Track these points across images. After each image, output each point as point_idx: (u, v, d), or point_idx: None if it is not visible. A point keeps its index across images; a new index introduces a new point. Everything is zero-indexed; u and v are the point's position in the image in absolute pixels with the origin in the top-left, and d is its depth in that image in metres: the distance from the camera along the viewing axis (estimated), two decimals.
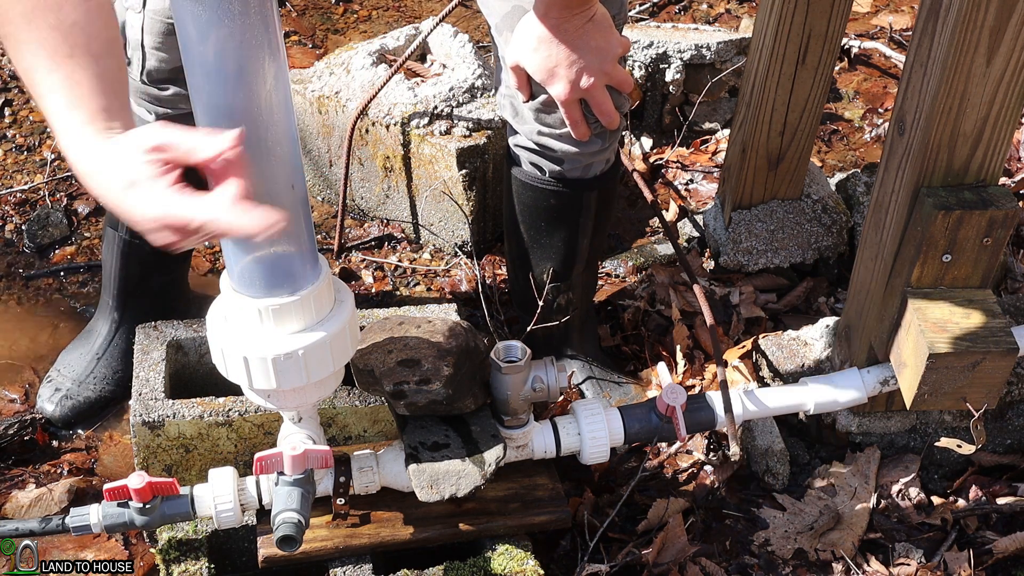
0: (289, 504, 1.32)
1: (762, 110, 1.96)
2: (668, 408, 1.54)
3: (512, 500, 1.54)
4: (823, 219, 2.11)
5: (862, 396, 1.60)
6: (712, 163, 2.47)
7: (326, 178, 2.33)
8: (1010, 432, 1.76)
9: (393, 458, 1.48)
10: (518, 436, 1.51)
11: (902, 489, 1.71)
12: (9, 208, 2.29)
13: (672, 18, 3.06)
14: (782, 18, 1.84)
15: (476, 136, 2.12)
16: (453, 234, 2.22)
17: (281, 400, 1.31)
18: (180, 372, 1.73)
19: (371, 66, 2.23)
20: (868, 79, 2.85)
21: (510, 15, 1.53)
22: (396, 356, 1.43)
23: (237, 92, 1.08)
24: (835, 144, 2.64)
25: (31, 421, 1.82)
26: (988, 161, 1.41)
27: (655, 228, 2.33)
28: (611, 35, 1.47)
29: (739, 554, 1.64)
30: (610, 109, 1.54)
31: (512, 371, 1.44)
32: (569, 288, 1.81)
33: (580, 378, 1.90)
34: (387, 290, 2.17)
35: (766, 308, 2.07)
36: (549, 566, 1.62)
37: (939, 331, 1.44)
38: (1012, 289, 2.08)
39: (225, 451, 1.62)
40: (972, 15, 1.27)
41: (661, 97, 2.53)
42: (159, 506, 1.41)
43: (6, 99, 2.57)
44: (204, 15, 1.02)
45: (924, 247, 1.43)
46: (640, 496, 1.74)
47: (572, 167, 1.65)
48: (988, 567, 1.63)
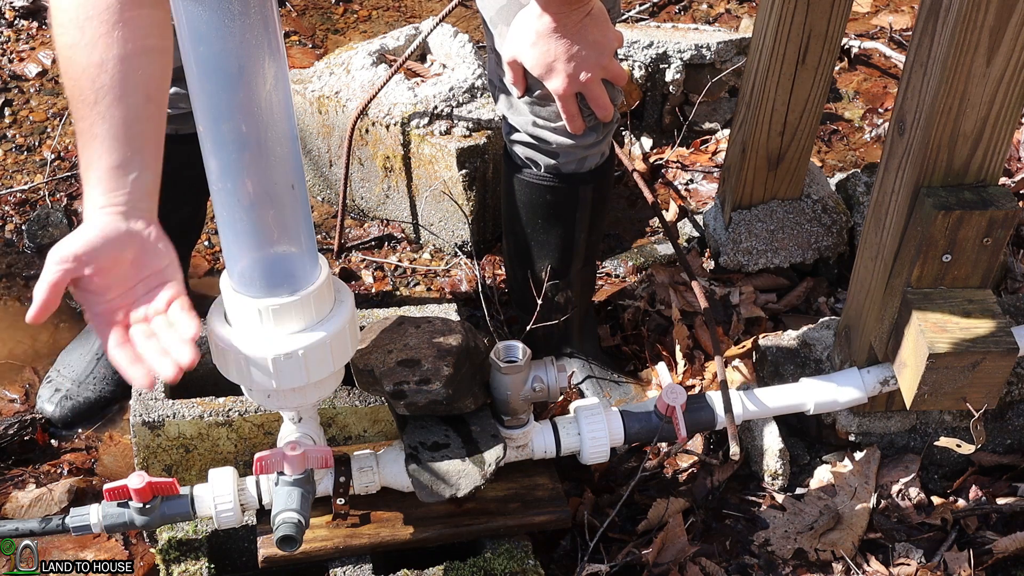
0: (289, 504, 1.32)
1: (762, 110, 1.96)
2: (668, 408, 1.54)
3: (512, 500, 1.54)
4: (823, 219, 2.11)
5: (862, 396, 1.60)
6: (712, 163, 2.47)
7: (326, 178, 2.33)
8: (1010, 432, 1.76)
9: (393, 458, 1.48)
10: (518, 436, 1.51)
11: (902, 489, 1.71)
12: (9, 208, 2.29)
13: (672, 18, 3.06)
14: (782, 18, 1.84)
15: (476, 136, 2.12)
16: (453, 234, 2.22)
17: (281, 400, 1.31)
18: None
19: (371, 66, 2.23)
20: (868, 79, 2.85)
21: (506, 8, 1.54)
22: (396, 356, 1.43)
23: (237, 92, 1.08)
24: (835, 144, 2.64)
25: (31, 421, 1.82)
26: (988, 161, 1.41)
27: (655, 228, 2.33)
28: (608, 29, 1.48)
29: (739, 554, 1.64)
30: (606, 103, 1.54)
31: (512, 371, 1.44)
32: (568, 286, 1.81)
33: (580, 378, 1.90)
34: (387, 290, 2.17)
35: (766, 308, 2.07)
36: (549, 566, 1.62)
37: (939, 331, 1.44)
38: (1012, 289, 2.08)
39: (225, 451, 1.62)
40: (972, 15, 1.27)
41: (661, 97, 2.53)
42: (159, 506, 1.40)
43: (6, 99, 2.57)
44: (204, 15, 1.03)
45: (924, 247, 1.43)
46: (640, 496, 1.74)
47: (567, 160, 1.65)
48: (988, 567, 1.63)
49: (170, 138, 1.66)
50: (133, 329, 1.16)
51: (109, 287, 1.15)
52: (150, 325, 1.16)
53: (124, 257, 1.15)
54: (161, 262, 1.18)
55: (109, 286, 1.15)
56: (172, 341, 1.14)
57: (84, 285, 1.14)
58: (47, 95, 2.60)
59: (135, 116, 1.15)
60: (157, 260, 1.18)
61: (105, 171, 1.14)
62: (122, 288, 1.16)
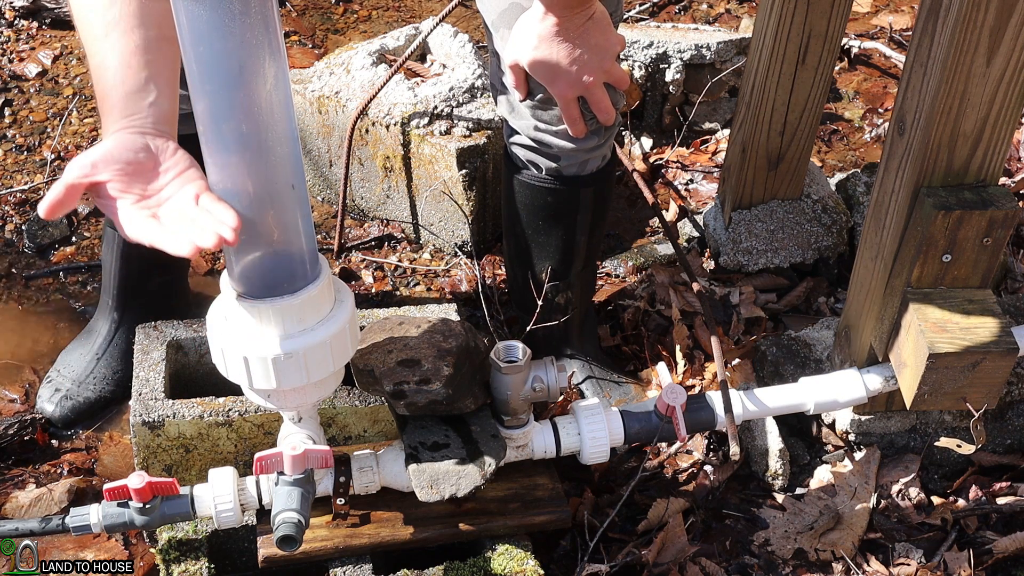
0: (289, 504, 1.32)
1: (762, 110, 1.96)
2: (668, 408, 1.54)
3: (512, 500, 1.54)
4: (823, 219, 2.11)
5: (862, 396, 1.60)
6: (712, 163, 2.47)
7: (326, 178, 2.33)
8: (1010, 432, 1.76)
9: (393, 458, 1.48)
10: (518, 436, 1.51)
11: (902, 489, 1.71)
12: (9, 208, 2.29)
13: (672, 18, 3.06)
14: (782, 18, 1.84)
15: (476, 136, 2.12)
16: (453, 234, 2.22)
17: (281, 400, 1.31)
18: (180, 372, 1.73)
19: (371, 66, 2.23)
20: (868, 79, 2.85)
21: (507, 12, 1.53)
22: (396, 356, 1.43)
23: (237, 92, 1.08)
24: (835, 144, 2.64)
25: (31, 421, 1.82)
26: (988, 161, 1.41)
27: (655, 228, 2.33)
28: (610, 33, 1.48)
29: (739, 554, 1.64)
30: (608, 106, 1.54)
31: (512, 371, 1.44)
32: (568, 287, 1.81)
33: (580, 378, 1.90)
34: (387, 290, 2.17)
35: (766, 308, 2.07)
36: (549, 566, 1.62)
37: (939, 331, 1.44)
38: (1012, 289, 2.08)
39: (225, 451, 1.62)
40: (972, 15, 1.27)
41: (661, 97, 2.53)
42: (159, 506, 1.41)
43: (6, 99, 2.57)
44: (204, 15, 1.03)
45: (924, 247, 1.43)
46: (640, 496, 1.74)
47: (569, 163, 1.65)
48: (988, 567, 1.63)
49: None
50: (163, 210, 1.11)
51: (130, 191, 1.11)
52: (183, 210, 1.11)
53: (143, 164, 1.12)
54: (183, 165, 1.15)
55: (129, 191, 1.11)
56: (210, 221, 1.09)
57: (103, 192, 1.11)
58: (47, 95, 2.60)
59: (147, 46, 1.13)
60: (179, 165, 1.14)
61: (120, 98, 1.12)
62: (143, 190, 1.12)
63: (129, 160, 1.12)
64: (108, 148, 1.12)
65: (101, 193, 1.12)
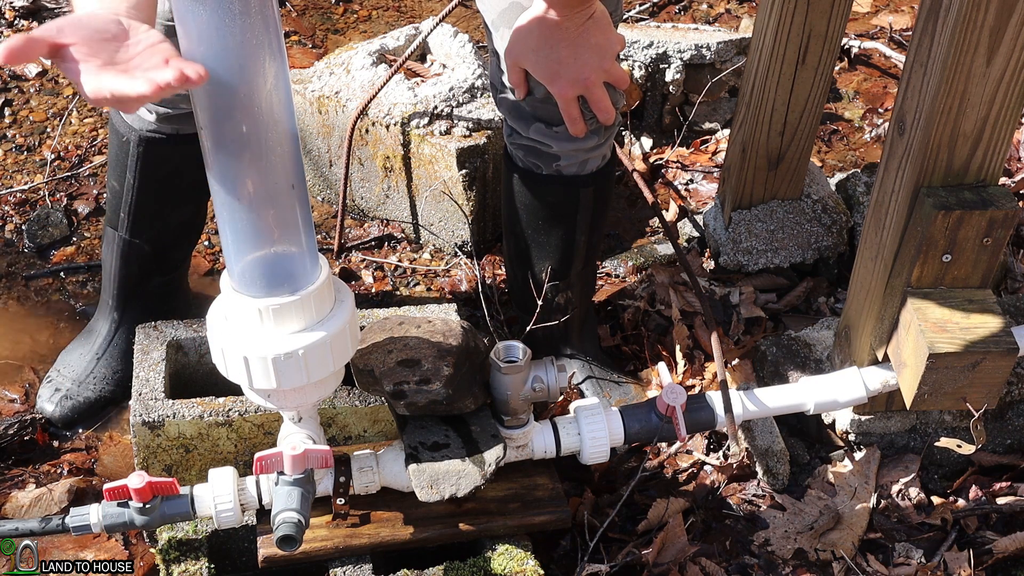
0: (289, 504, 1.32)
1: (762, 110, 1.96)
2: (668, 408, 1.54)
3: (512, 500, 1.54)
4: (823, 219, 2.11)
5: (862, 396, 1.60)
6: (712, 163, 2.47)
7: (326, 178, 2.33)
8: (1010, 432, 1.76)
9: (393, 458, 1.48)
10: (518, 436, 1.51)
11: (902, 489, 1.71)
12: (9, 208, 2.29)
13: (672, 18, 3.06)
14: (782, 18, 1.84)
15: (476, 136, 2.12)
16: (453, 234, 2.22)
17: (281, 400, 1.31)
18: (180, 372, 1.73)
19: (371, 66, 2.23)
20: (868, 79, 2.85)
21: (508, 11, 1.53)
22: (396, 356, 1.43)
23: (237, 92, 1.08)
24: (835, 144, 2.64)
25: (31, 421, 1.82)
26: (988, 161, 1.41)
27: (655, 228, 2.33)
28: (610, 33, 1.48)
29: (739, 554, 1.64)
30: (608, 106, 1.54)
31: (512, 371, 1.44)
32: (568, 287, 1.81)
33: (580, 378, 1.90)
34: (387, 290, 2.17)
35: (766, 308, 2.07)
36: (549, 566, 1.62)
37: (939, 331, 1.44)
38: (1012, 289, 2.08)
39: (225, 451, 1.62)
40: (972, 15, 1.27)
41: (661, 97, 2.53)
42: (159, 506, 1.41)
43: (6, 99, 2.57)
44: (204, 15, 1.03)
45: (924, 247, 1.43)
46: (640, 496, 1.74)
47: (568, 163, 1.65)
48: (988, 567, 1.63)
49: (170, 138, 1.68)
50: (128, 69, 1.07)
51: (95, 56, 1.06)
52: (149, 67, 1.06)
53: (113, 35, 1.07)
54: (156, 39, 1.09)
55: (95, 56, 1.06)
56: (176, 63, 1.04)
57: (67, 55, 1.06)
58: (47, 95, 2.60)
59: None
60: (151, 38, 1.09)
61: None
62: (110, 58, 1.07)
63: (98, 28, 1.07)
64: (78, 15, 1.08)
65: (65, 56, 1.07)
